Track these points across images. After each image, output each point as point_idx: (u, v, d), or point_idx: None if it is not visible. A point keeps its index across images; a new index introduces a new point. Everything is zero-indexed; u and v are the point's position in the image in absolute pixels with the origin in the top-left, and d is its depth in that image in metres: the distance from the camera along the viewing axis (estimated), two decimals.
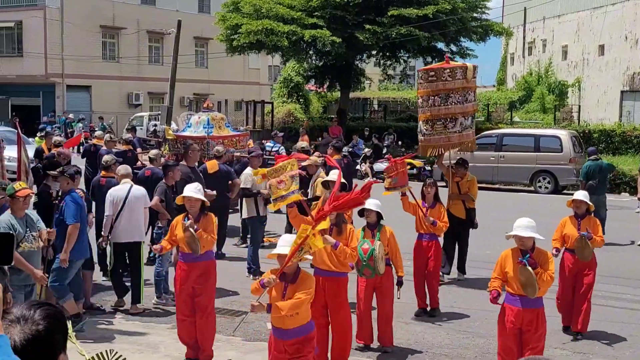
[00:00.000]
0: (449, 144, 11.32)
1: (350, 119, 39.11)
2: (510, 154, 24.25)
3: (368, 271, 8.07)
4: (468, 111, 11.30)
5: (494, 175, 24.66)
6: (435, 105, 11.01)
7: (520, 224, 6.96)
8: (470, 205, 11.71)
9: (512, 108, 41.46)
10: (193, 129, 15.30)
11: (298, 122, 38.55)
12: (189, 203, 7.99)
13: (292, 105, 42.25)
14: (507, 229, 7.22)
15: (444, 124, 11.05)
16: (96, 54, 46.08)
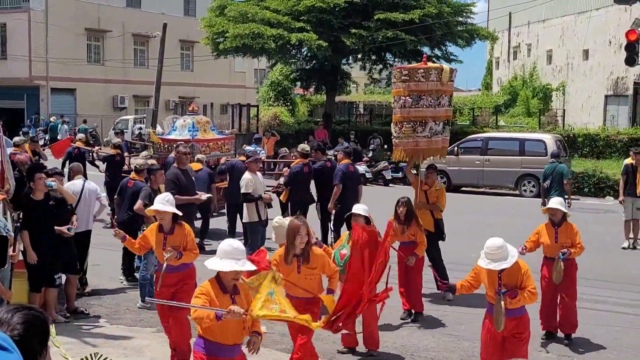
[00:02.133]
0: (417, 149, 10.59)
1: (336, 122, 39.18)
2: (496, 157, 24.33)
3: (344, 277, 7.64)
4: (440, 116, 10.58)
5: (479, 179, 24.74)
6: (406, 107, 10.39)
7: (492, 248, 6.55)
8: (438, 215, 11.05)
9: (498, 112, 41.66)
10: (178, 132, 15.32)
11: (284, 125, 38.56)
12: (159, 215, 7.74)
13: (278, 109, 42.25)
14: (492, 233, 7.25)
15: (413, 127, 10.42)
16: (81, 56, 45.91)
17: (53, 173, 9.70)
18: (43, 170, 9.61)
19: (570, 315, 9.05)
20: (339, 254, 7.88)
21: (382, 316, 8.84)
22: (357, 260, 7.22)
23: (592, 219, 17.91)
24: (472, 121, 37.86)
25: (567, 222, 8.82)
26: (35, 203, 9.03)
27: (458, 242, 11.71)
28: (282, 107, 43.30)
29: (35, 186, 9.03)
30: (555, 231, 8.80)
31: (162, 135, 16.25)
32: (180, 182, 10.91)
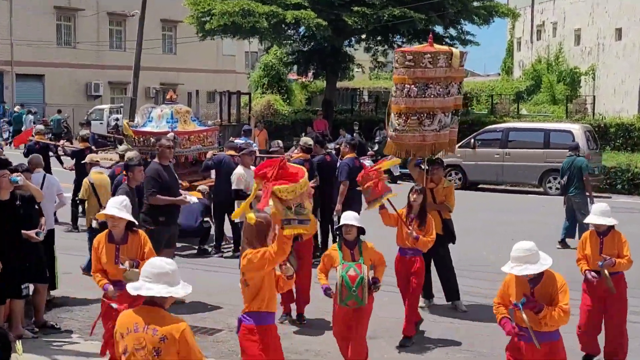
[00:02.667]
0: (423, 144, 10.49)
1: (338, 111, 39.15)
2: (517, 151, 24.32)
3: (354, 302, 7.75)
4: (449, 106, 10.53)
5: (499, 175, 24.73)
6: (411, 96, 10.23)
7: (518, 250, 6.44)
8: (446, 216, 10.89)
9: (519, 99, 41.61)
10: (155, 123, 15.21)
11: (279, 115, 38.55)
12: (111, 222, 7.51)
13: (272, 96, 42.23)
14: (514, 233, 7.22)
15: (419, 120, 10.27)
16: (50, 38, 45.90)
17: (21, 170, 9.66)
18: (8, 166, 9.57)
19: (619, 339, 8.63)
20: (348, 276, 7.69)
21: (388, 329, 8.86)
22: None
23: (626, 219, 17.83)
24: (491, 110, 37.83)
25: (614, 230, 8.55)
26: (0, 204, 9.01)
27: (471, 241, 11.55)
28: (276, 95, 43.26)
29: None
30: (601, 241, 8.51)
31: (136, 127, 16.14)
32: (161, 179, 10.88)
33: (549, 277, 6.48)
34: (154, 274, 5.18)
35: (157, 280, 5.14)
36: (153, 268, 5.21)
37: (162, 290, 5.11)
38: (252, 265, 6.17)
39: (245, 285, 6.27)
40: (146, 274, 5.20)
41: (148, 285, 5.13)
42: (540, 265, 6.37)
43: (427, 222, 9.44)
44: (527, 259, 6.36)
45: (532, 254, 6.37)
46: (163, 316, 5.13)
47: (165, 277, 5.17)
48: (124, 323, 5.17)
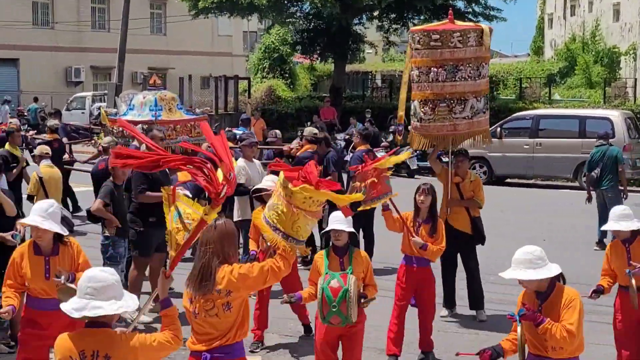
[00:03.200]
0: (454, 133, 10.50)
1: (347, 98, 39.12)
2: (549, 140, 24.27)
3: (337, 319, 7.28)
4: (481, 90, 10.58)
5: (529, 168, 24.68)
6: (439, 81, 10.23)
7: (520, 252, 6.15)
8: (475, 213, 10.87)
9: (551, 83, 41.53)
10: (136, 111, 15.14)
11: (282, 102, 38.53)
12: (35, 232, 7.03)
13: (273, 81, 42.23)
14: (546, 235, 7.19)
15: (448, 107, 10.28)
16: (25, 18, 45.93)
17: None
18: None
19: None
20: (329, 288, 7.27)
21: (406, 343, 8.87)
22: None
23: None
24: (519, 95, 37.75)
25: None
26: None
27: (497, 242, 11.51)
28: (278, 80, 43.27)
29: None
30: (627, 249, 7.91)
31: (115, 116, 16.11)
32: (152, 175, 10.88)
33: (558, 292, 6.09)
34: (97, 289, 4.85)
35: (102, 296, 4.84)
36: (95, 282, 4.87)
37: (112, 306, 4.84)
38: (246, 282, 5.69)
39: (226, 310, 5.67)
40: (86, 290, 4.86)
41: (94, 304, 4.81)
42: (544, 271, 6.02)
43: (437, 227, 9.17)
44: (528, 264, 6.03)
45: (533, 259, 6.04)
46: (111, 337, 4.90)
47: (110, 290, 4.88)
48: (66, 351, 4.85)
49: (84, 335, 4.90)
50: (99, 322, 4.86)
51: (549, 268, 6.05)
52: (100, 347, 4.81)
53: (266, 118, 30.68)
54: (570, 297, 6.04)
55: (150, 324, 10.60)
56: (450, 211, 10.77)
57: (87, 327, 4.91)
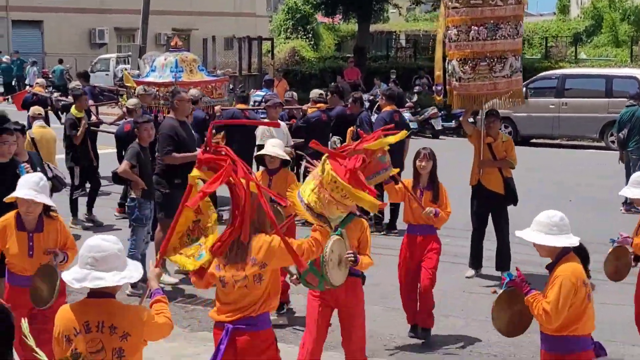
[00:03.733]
0: (494, 92, 10.52)
1: (371, 58, 38.95)
2: (575, 100, 24.10)
3: (313, 279, 6.73)
4: (519, 48, 10.71)
5: (554, 128, 24.54)
6: (480, 39, 10.25)
7: (538, 218, 5.97)
8: (507, 174, 10.90)
9: (577, 42, 41.14)
10: (158, 73, 15.23)
11: (306, 63, 38.40)
12: (26, 207, 6.66)
13: (297, 42, 42.08)
14: (572, 195, 7.15)
15: (489, 66, 10.30)
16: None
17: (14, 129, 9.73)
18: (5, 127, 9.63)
19: None
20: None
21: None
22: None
23: None
24: (545, 54, 37.45)
25: None
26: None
27: (522, 203, 11.47)
28: (302, 41, 43.11)
29: None
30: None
31: (138, 78, 16.16)
32: (178, 137, 10.90)
33: (558, 266, 5.82)
34: (99, 259, 4.69)
35: (103, 266, 4.68)
36: (97, 252, 4.69)
37: (114, 278, 4.67)
38: (284, 256, 5.54)
39: (257, 282, 5.53)
40: (87, 260, 4.70)
41: (95, 274, 4.65)
42: (547, 239, 5.80)
43: (440, 193, 8.86)
44: (543, 228, 5.85)
45: (550, 224, 5.83)
46: (118, 308, 4.76)
47: (113, 260, 4.71)
48: (69, 322, 4.71)
49: (88, 305, 4.74)
50: (102, 293, 4.70)
51: (560, 239, 5.80)
52: (105, 317, 4.67)
53: (289, 79, 30.63)
54: (557, 274, 5.75)
55: (177, 285, 10.70)
56: (483, 172, 10.81)
57: (89, 297, 4.76)
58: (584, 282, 5.75)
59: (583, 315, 5.76)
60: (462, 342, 8.86)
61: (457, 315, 9.69)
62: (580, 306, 5.72)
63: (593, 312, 5.88)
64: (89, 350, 4.57)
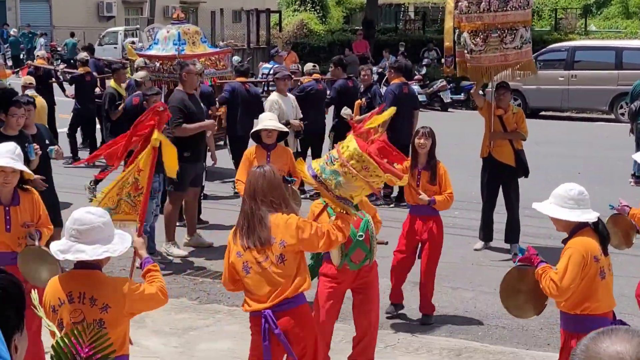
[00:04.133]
0: (505, 64, 10.49)
1: (380, 31, 38.81)
2: (585, 72, 23.99)
3: (361, 254, 6.65)
4: (529, 20, 10.68)
5: (564, 100, 24.46)
6: (491, 10, 10.21)
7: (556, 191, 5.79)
8: (518, 146, 10.90)
9: (587, 14, 40.92)
10: (161, 46, 15.24)
11: (314, 35, 38.28)
12: (3, 177, 6.39)
13: (305, 15, 41.94)
14: (581, 168, 7.12)
15: (500, 37, 10.26)
16: None
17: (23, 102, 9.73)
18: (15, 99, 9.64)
19: None
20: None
21: (440, 276, 8.89)
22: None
23: None
24: (555, 26, 37.26)
25: None
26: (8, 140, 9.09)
27: (531, 176, 11.48)
28: (310, 13, 42.97)
29: (7, 121, 9.08)
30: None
31: (141, 51, 16.20)
32: (187, 109, 10.90)
33: (572, 239, 5.71)
34: (82, 232, 4.67)
35: (86, 239, 4.66)
36: (80, 224, 4.67)
37: (96, 251, 4.65)
38: (302, 235, 5.54)
39: (280, 262, 5.53)
40: (71, 232, 4.69)
41: (77, 247, 4.65)
42: (562, 213, 5.67)
43: (438, 173, 8.56)
44: (560, 201, 5.72)
45: (567, 198, 5.69)
46: (100, 280, 4.78)
47: (96, 233, 4.68)
48: (54, 292, 4.79)
49: (73, 276, 4.80)
50: (87, 264, 4.71)
51: (576, 213, 5.66)
52: (87, 289, 4.69)
53: (298, 52, 30.56)
54: (568, 245, 5.69)
55: (185, 257, 10.73)
56: (494, 144, 10.79)
57: (75, 268, 4.80)
58: (596, 258, 5.60)
59: (595, 292, 5.62)
60: (470, 314, 8.89)
61: (465, 287, 9.70)
62: (592, 283, 5.60)
63: (609, 291, 5.74)
64: (71, 320, 4.59)
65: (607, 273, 5.71)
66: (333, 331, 7.10)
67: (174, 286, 9.72)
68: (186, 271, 10.25)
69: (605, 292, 5.71)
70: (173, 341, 8.04)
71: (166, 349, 7.84)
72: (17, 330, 2.62)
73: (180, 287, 9.72)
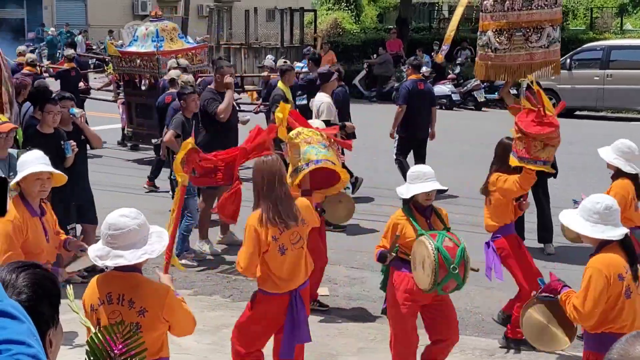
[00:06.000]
0: (531, 63, 10.26)
1: (414, 29, 38.71)
2: (620, 72, 23.82)
3: (453, 284, 6.36)
4: (557, 18, 10.42)
5: (599, 100, 24.29)
6: (515, 9, 10.07)
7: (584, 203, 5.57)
8: None
9: (623, 13, 40.56)
10: (140, 43, 15.70)
11: (348, 35, 38.26)
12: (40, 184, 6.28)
13: (339, 14, 41.93)
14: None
15: (524, 36, 10.09)
16: None
17: (61, 97, 9.83)
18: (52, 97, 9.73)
19: None
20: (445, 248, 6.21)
21: None
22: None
23: None
24: (590, 25, 36.96)
25: None
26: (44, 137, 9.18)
27: (564, 176, 11.44)
28: (344, 12, 42.94)
29: (43, 118, 9.17)
30: None
31: (122, 48, 16.67)
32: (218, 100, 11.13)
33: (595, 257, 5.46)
34: (117, 236, 4.66)
35: (122, 243, 4.66)
36: (114, 229, 4.66)
37: (133, 255, 4.65)
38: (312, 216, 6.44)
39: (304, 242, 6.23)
40: (107, 238, 4.69)
41: (115, 252, 4.65)
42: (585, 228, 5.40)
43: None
44: (586, 214, 5.44)
45: (592, 212, 5.41)
46: (139, 283, 4.78)
47: (131, 236, 4.66)
48: (93, 292, 4.82)
49: (114, 277, 4.82)
50: (127, 267, 4.70)
51: (598, 228, 5.38)
52: (126, 291, 4.71)
53: (332, 51, 30.54)
54: (588, 265, 5.43)
55: (219, 255, 10.79)
56: None
57: (115, 270, 4.79)
58: (620, 276, 5.32)
59: (620, 312, 5.36)
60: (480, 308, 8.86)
61: (499, 287, 9.65)
62: (616, 303, 5.35)
63: (635, 310, 5.45)
64: (109, 321, 4.55)
65: (633, 291, 5.42)
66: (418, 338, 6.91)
67: (207, 284, 9.79)
68: (219, 269, 10.30)
69: (631, 312, 5.42)
70: (206, 338, 8.09)
71: (199, 346, 7.89)
72: (51, 326, 2.65)
73: (213, 284, 9.79)
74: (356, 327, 8.49)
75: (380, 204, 12.91)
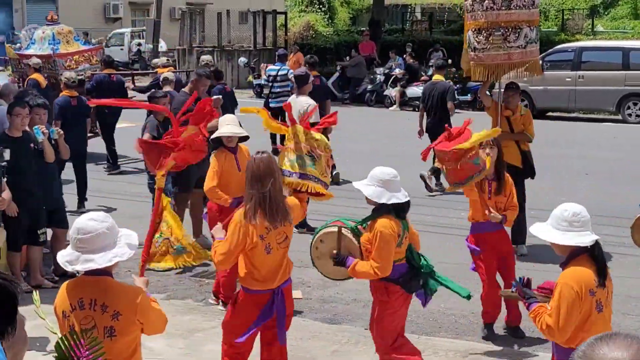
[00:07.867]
0: (509, 63, 10.43)
1: (387, 32, 38.77)
2: (592, 73, 23.93)
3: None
4: (535, 19, 10.66)
5: (571, 101, 24.39)
6: (494, 9, 10.18)
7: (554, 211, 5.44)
8: (525, 147, 10.88)
9: (594, 14, 40.83)
10: (37, 45, 16.24)
11: (320, 37, 38.25)
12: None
13: (311, 16, 41.92)
14: (589, 169, 7.11)
15: (503, 36, 10.21)
16: None
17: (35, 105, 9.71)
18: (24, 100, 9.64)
19: None
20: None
21: None
22: None
23: None
24: (561, 27, 37.19)
25: None
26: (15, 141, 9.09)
27: (538, 177, 11.45)
28: (317, 14, 42.94)
29: (12, 121, 9.08)
30: None
31: (19, 50, 17.08)
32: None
33: (564, 270, 5.37)
34: (86, 240, 4.59)
35: (91, 247, 4.59)
36: (83, 233, 4.59)
37: (104, 258, 4.58)
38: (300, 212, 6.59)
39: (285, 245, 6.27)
40: (75, 243, 4.62)
41: (85, 257, 4.58)
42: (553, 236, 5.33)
43: (505, 185, 8.33)
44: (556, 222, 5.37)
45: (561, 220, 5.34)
46: (111, 287, 4.71)
47: (100, 240, 4.59)
48: (64, 299, 4.72)
49: (84, 283, 4.73)
50: (97, 271, 4.62)
51: (567, 236, 5.29)
52: (98, 296, 4.64)
53: (305, 53, 30.53)
54: (559, 280, 5.30)
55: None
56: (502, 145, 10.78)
57: (85, 275, 4.71)
58: (591, 291, 5.22)
59: (591, 327, 5.19)
60: (476, 315, 8.85)
61: (472, 288, 9.65)
62: (587, 318, 5.24)
63: (606, 324, 5.32)
64: (82, 326, 4.49)
65: (604, 306, 5.32)
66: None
67: (180, 288, 9.73)
68: (192, 272, 10.25)
69: (602, 326, 5.20)
70: (179, 342, 8.03)
71: (172, 350, 7.84)
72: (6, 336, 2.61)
73: (185, 288, 9.72)
74: (330, 329, 8.46)
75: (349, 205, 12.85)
